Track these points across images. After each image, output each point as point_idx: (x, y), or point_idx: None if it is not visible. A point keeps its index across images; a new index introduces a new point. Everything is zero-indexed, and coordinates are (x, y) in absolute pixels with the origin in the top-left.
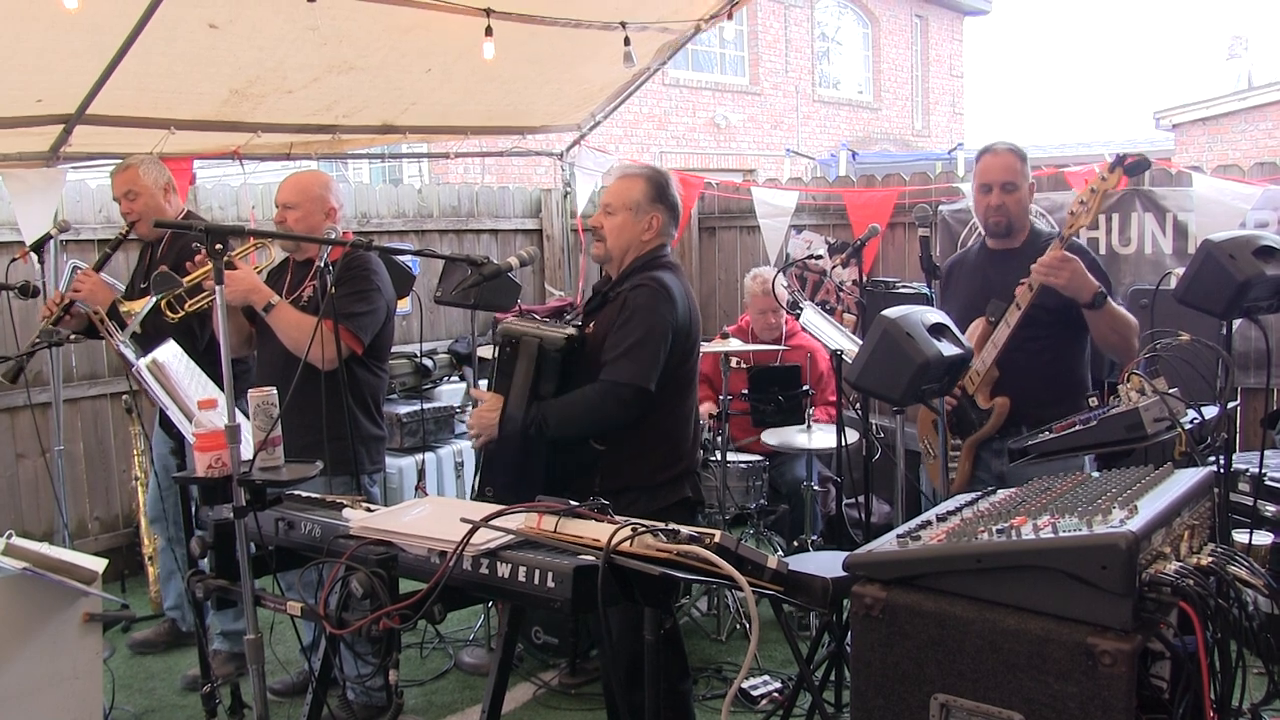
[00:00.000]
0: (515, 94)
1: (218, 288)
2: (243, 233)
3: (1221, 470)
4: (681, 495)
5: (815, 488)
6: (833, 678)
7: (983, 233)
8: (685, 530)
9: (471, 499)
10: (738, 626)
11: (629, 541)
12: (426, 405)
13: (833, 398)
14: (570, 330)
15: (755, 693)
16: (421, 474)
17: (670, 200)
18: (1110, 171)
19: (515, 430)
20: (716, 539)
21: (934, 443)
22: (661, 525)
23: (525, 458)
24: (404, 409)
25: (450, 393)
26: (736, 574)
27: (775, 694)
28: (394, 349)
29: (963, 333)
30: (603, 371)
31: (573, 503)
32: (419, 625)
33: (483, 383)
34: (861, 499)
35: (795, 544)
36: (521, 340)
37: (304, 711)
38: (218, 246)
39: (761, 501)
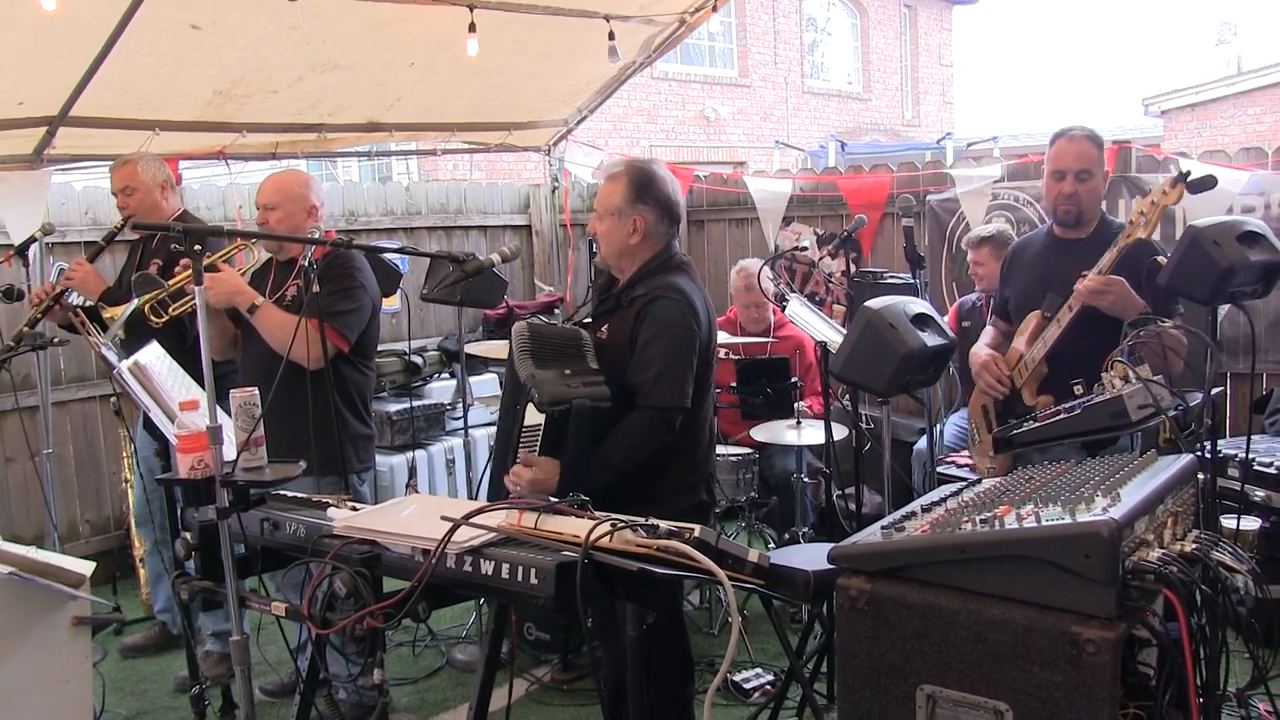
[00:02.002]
0: (500, 88)
1: (197, 289)
2: (221, 233)
3: (1207, 456)
4: (697, 499)
5: (805, 480)
6: (824, 670)
7: (1050, 219)
8: (665, 525)
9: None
10: (729, 620)
11: (608, 537)
12: (417, 403)
13: (821, 388)
14: (598, 372)
15: (748, 685)
16: (412, 472)
17: (656, 195)
18: (1171, 186)
19: (578, 487)
20: (696, 533)
21: (981, 428)
22: (641, 520)
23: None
24: (394, 407)
25: (440, 390)
26: (715, 568)
27: (768, 687)
28: (384, 347)
29: (1020, 320)
30: (641, 396)
31: (553, 499)
32: (411, 623)
33: (483, 381)
34: (853, 490)
35: (786, 536)
36: (573, 406)
37: (293, 712)
38: (197, 248)
39: (752, 494)
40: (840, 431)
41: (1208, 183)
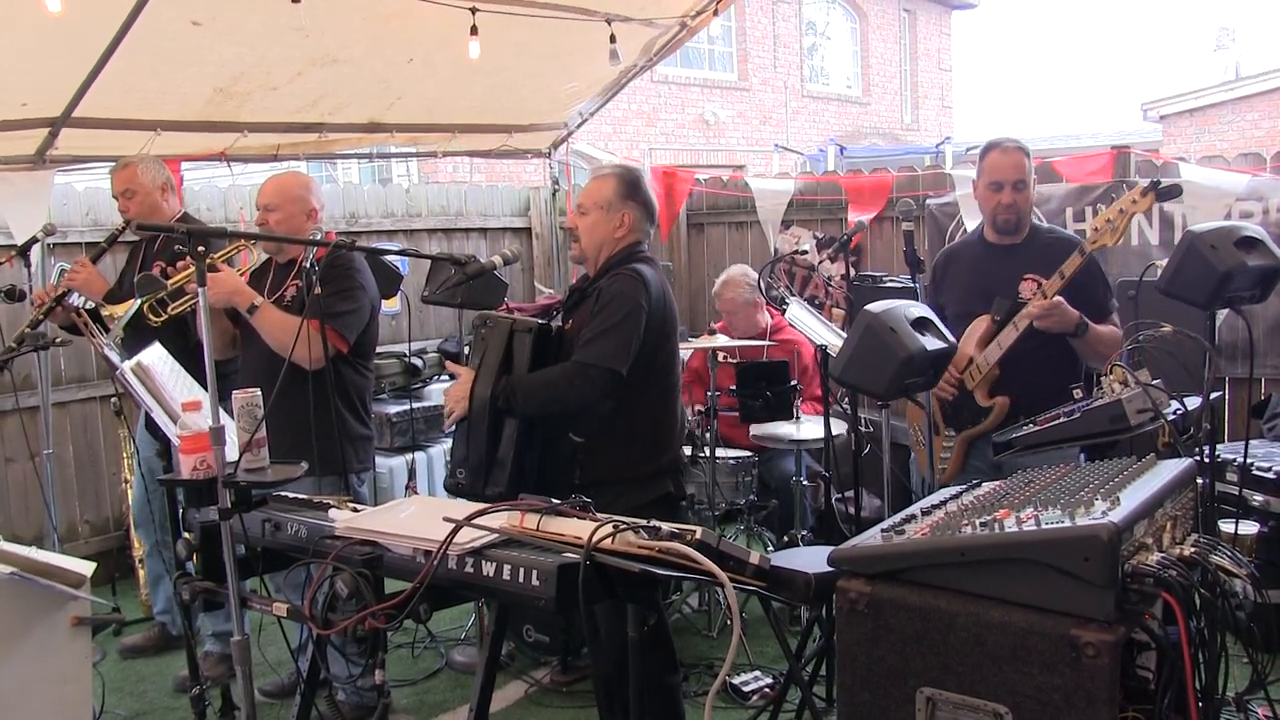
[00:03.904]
0: (502, 89)
1: (200, 290)
2: (224, 234)
3: (1206, 460)
4: (663, 491)
5: (804, 483)
6: (823, 673)
7: (986, 226)
8: (666, 527)
9: (445, 483)
10: (729, 622)
11: (610, 539)
12: (416, 405)
13: (819, 392)
14: (543, 322)
15: (746, 688)
16: (412, 473)
17: (642, 197)
18: (1141, 195)
19: (484, 404)
20: (698, 535)
21: (923, 430)
22: (643, 522)
23: (495, 440)
24: (394, 408)
25: (440, 392)
26: (717, 570)
27: (766, 689)
28: (384, 348)
29: (962, 325)
30: (575, 353)
31: (554, 501)
32: (410, 625)
33: None
34: (852, 494)
35: (785, 539)
36: (495, 322)
37: (293, 712)
38: (200, 249)
39: (751, 497)
40: (839, 432)
41: (1173, 191)
